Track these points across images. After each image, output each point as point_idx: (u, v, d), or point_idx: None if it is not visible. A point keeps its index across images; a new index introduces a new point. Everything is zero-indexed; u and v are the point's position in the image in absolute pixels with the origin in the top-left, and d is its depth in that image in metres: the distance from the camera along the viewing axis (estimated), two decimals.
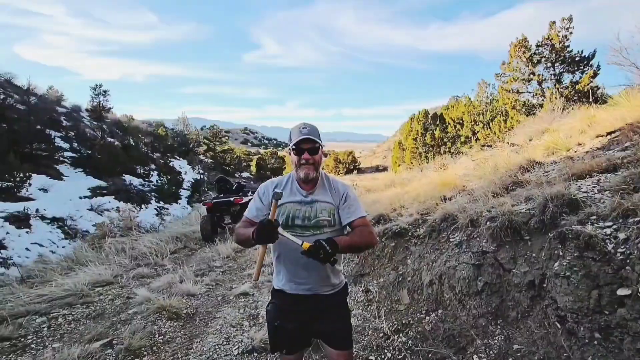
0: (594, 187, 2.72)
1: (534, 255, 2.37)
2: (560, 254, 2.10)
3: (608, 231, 2.00)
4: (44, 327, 3.25)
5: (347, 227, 1.58)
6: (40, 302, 3.79)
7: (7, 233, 8.62)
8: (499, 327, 2.37)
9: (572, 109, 6.89)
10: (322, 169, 1.64)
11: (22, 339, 3.00)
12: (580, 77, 10.83)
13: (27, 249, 8.52)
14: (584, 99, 9.46)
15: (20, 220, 9.28)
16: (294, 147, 1.52)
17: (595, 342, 1.78)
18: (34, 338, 3.04)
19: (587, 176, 3.03)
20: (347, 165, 41.30)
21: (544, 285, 2.19)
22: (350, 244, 1.45)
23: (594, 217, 2.21)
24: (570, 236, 2.07)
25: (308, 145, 1.51)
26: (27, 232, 9.09)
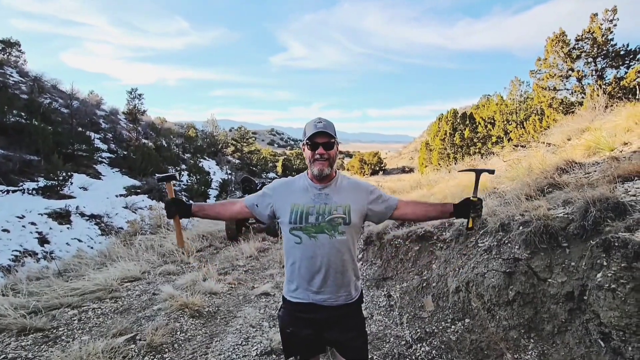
0: None
1: (572, 264, 2.16)
2: (605, 263, 1.90)
3: None
4: (74, 320, 3.40)
5: (393, 212, 1.56)
6: (73, 295, 3.98)
7: (50, 228, 9.23)
8: (532, 341, 2.19)
9: (616, 106, 6.36)
10: (347, 169, 1.55)
11: (54, 331, 3.15)
12: (626, 73, 10.01)
13: (67, 243, 9.07)
14: (629, 96, 8.73)
15: (62, 217, 9.92)
16: (308, 141, 1.46)
17: None
18: (65, 330, 3.17)
19: (636, 178, 2.75)
20: (372, 167, 40.74)
21: (585, 297, 2.00)
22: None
23: None
24: (616, 244, 1.87)
25: (323, 140, 1.45)
26: (67, 228, 9.68)
